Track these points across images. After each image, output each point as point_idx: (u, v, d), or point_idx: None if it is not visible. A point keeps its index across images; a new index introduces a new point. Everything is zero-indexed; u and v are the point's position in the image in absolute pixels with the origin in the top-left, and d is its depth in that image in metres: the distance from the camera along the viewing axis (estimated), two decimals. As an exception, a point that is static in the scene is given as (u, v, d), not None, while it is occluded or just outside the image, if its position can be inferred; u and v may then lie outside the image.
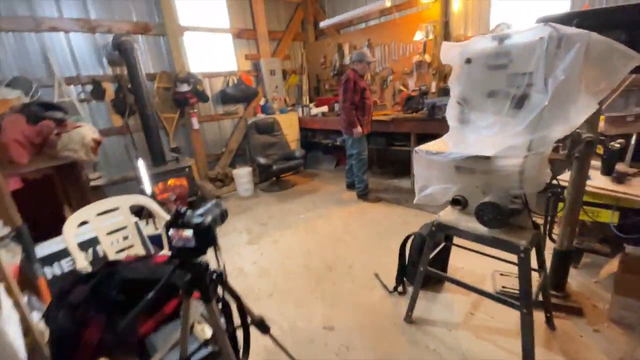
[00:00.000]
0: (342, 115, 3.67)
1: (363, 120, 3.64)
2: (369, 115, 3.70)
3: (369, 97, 3.65)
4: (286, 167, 4.41)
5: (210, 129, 4.93)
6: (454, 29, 4.01)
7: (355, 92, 3.49)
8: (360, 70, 3.56)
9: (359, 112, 3.61)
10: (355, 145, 3.73)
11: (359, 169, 3.82)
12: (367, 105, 3.64)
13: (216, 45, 4.85)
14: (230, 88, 4.83)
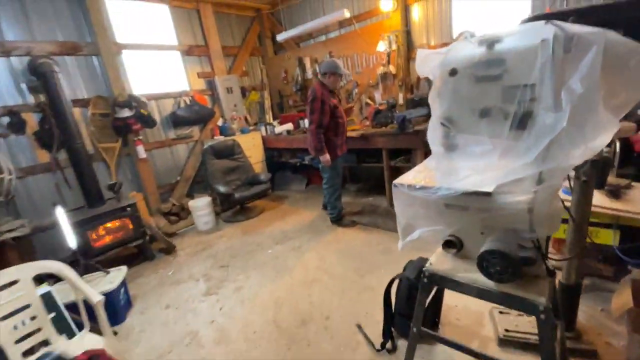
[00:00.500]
0: (308, 138, 3.25)
1: (336, 141, 3.25)
2: (342, 135, 3.32)
3: (341, 116, 3.26)
4: (250, 194, 3.97)
5: (162, 156, 4.39)
6: (417, 38, 3.85)
7: (323, 113, 3.05)
8: (330, 84, 3.15)
9: (330, 132, 3.21)
10: (326, 168, 3.36)
11: (330, 194, 3.46)
12: (340, 125, 3.25)
13: (163, 64, 4.37)
14: (182, 109, 4.35)
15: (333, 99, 3.16)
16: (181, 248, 3.54)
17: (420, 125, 3.32)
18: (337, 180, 3.41)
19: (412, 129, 3.24)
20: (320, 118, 3.06)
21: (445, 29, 3.60)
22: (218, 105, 4.88)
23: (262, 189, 4.05)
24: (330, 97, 3.11)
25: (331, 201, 3.48)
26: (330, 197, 3.46)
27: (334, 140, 3.23)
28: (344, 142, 3.37)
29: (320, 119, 3.06)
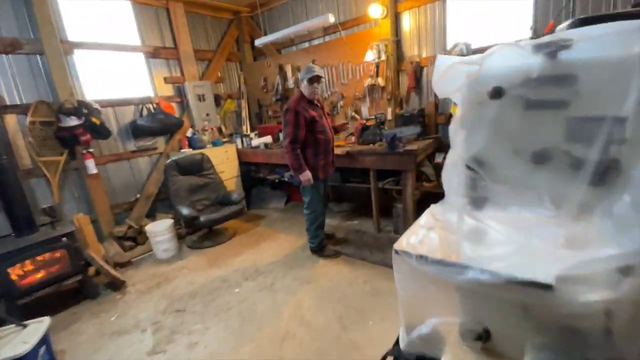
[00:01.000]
0: (285, 154, 2.79)
1: (316, 160, 2.78)
2: (326, 154, 2.83)
3: (323, 131, 2.75)
4: (219, 216, 3.48)
5: (119, 170, 3.84)
6: (407, 49, 3.54)
7: (297, 126, 2.62)
8: (308, 93, 2.70)
9: (309, 149, 2.75)
10: (306, 191, 2.90)
11: (311, 221, 3.00)
12: (322, 142, 2.76)
13: (124, 67, 3.85)
14: (144, 118, 3.83)
15: (312, 111, 2.70)
16: (132, 283, 2.99)
17: (411, 144, 2.97)
18: (319, 206, 2.97)
19: (402, 148, 2.88)
20: (294, 132, 2.62)
21: (439, 39, 3.30)
22: (188, 114, 4.38)
23: (233, 211, 3.57)
24: (308, 109, 2.67)
25: (311, 229, 3.04)
26: (311, 225, 3.03)
27: (313, 160, 2.77)
28: (329, 162, 2.90)
29: (295, 133, 2.62)
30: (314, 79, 2.64)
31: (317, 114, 2.73)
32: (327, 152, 2.84)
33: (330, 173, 3.00)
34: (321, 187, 2.96)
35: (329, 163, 2.92)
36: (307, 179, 2.73)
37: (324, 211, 3.06)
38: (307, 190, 2.87)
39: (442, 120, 3.38)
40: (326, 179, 3.05)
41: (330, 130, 2.88)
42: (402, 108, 3.68)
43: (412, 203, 3.01)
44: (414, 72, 3.42)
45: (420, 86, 3.51)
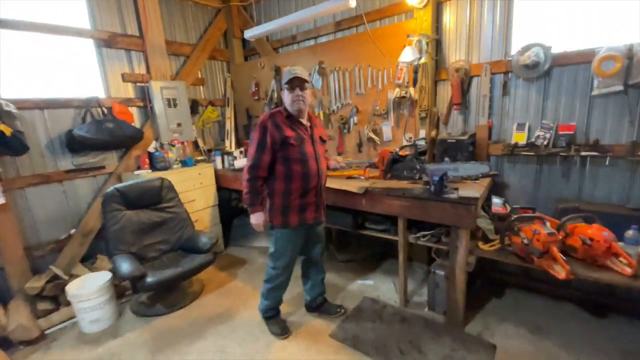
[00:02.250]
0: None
1: (288, 199, 1.94)
2: (306, 193, 1.96)
3: (302, 160, 1.89)
4: (177, 274, 2.40)
5: (46, 197, 2.76)
6: (450, 52, 2.60)
7: (261, 148, 1.85)
8: (290, 104, 1.89)
9: (279, 183, 1.92)
10: (273, 236, 2.06)
11: (268, 278, 2.17)
12: (299, 175, 1.90)
13: (65, 57, 2.83)
14: (86, 127, 2.78)
15: (288, 130, 1.87)
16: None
17: (465, 187, 1.99)
18: (285, 263, 2.09)
19: (456, 194, 1.90)
20: (255, 155, 1.87)
21: (499, 40, 2.37)
22: (152, 123, 3.35)
23: (198, 264, 2.51)
24: (283, 126, 1.87)
25: (265, 287, 2.19)
26: (267, 282, 2.18)
27: (283, 198, 1.93)
28: (310, 204, 2.00)
29: (257, 157, 1.87)
30: (295, 82, 1.84)
31: (294, 136, 1.88)
32: (307, 191, 1.96)
33: (314, 219, 2.06)
34: (295, 237, 2.05)
35: (311, 205, 2.01)
36: (256, 222, 1.96)
37: (289, 272, 2.17)
38: (274, 236, 2.04)
39: (497, 151, 2.43)
40: (311, 226, 2.09)
41: (318, 161, 1.97)
42: (438, 130, 2.73)
43: (463, 276, 2.02)
44: (460, 84, 2.48)
45: (467, 102, 2.57)
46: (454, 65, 2.52)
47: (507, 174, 2.46)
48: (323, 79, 3.19)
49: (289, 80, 1.83)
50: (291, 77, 1.83)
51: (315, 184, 1.96)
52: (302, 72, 1.86)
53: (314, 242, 2.19)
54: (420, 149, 2.03)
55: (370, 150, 3.04)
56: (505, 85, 2.39)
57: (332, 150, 3.29)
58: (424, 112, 2.63)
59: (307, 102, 1.91)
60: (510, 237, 1.98)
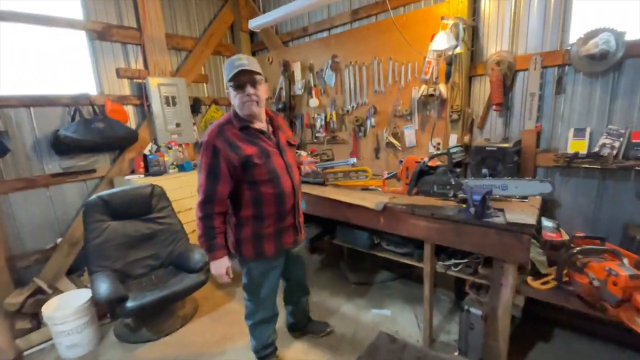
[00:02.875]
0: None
1: (260, 229, 1.56)
2: (281, 217, 1.60)
3: (272, 179, 1.51)
4: (161, 297, 2.06)
5: (31, 203, 2.52)
6: (490, 41, 2.17)
7: (213, 177, 1.42)
8: (239, 107, 1.46)
9: (246, 210, 1.53)
10: (244, 267, 1.67)
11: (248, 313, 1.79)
12: (271, 198, 1.53)
13: (56, 50, 2.59)
14: (73, 127, 2.52)
15: (248, 145, 1.46)
16: None
17: (511, 208, 1.57)
18: (266, 296, 1.72)
19: (500, 218, 1.49)
20: (208, 186, 1.43)
21: (555, 26, 1.93)
22: (149, 123, 3.07)
23: (188, 285, 2.18)
24: (239, 142, 1.45)
25: (248, 324, 1.81)
26: (248, 318, 1.79)
27: (254, 228, 1.55)
28: (289, 227, 1.65)
29: (210, 189, 1.43)
30: (242, 77, 1.39)
31: (257, 152, 1.47)
32: (284, 214, 1.59)
33: (294, 243, 1.72)
34: (273, 267, 1.68)
35: (289, 228, 1.65)
36: (218, 273, 1.53)
37: (271, 304, 1.78)
38: (245, 267, 1.66)
39: (547, 162, 1.99)
40: (289, 251, 1.75)
41: (291, 174, 1.60)
42: (472, 135, 2.30)
43: (507, 320, 1.59)
44: (501, 79, 2.05)
45: (509, 102, 2.13)
46: (494, 57, 2.09)
47: (559, 190, 2.00)
48: (336, 75, 2.82)
49: (234, 76, 1.38)
50: (235, 71, 1.37)
51: (292, 202, 1.60)
52: (250, 63, 1.41)
53: (294, 263, 1.84)
54: (455, 159, 1.62)
55: (389, 157, 2.64)
56: (560, 82, 1.94)
57: (345, 155, 2.91)
58: (455, 114, 2.21)
59: (262, 101, 1.49)
60: (571, 274, 1.55)
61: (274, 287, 1.74)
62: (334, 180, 2.44)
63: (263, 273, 1.66)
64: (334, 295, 2.60)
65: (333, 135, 2.97)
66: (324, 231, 2.53)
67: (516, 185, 1.46)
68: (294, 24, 3.34)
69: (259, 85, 1.45)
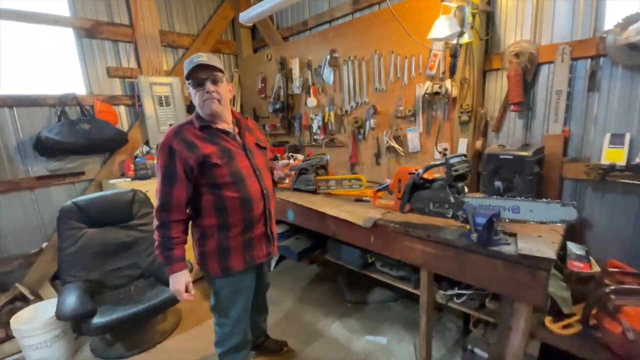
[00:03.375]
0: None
1: (226, 240, 1.41)
2: (250, 226, 1.44)
3: (237, 182, 1.37)
4: (133, 314, 1.90)
5: (14, 207, 2.45)
6: (508, 30, 1.85)
7: (169, 180, 1.30)
8: (199, 105, 1.35)
9: (209, 219, 1.39)
10: (212, 290, 1.52)
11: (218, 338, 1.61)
12: (237, 204, 1.38)
13: (43, 49, 2.51)
14: (56, 128, 2.43)
15: (208, 145, 1.34)
16: None
17: (522, 229, 1.26)
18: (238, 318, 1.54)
19: (510, 246, 1.19)
20: (164, 191, 1.31)
21: (586, 9, 1.58)
22: (140, 124, 2.95)
23: (162, 300, 2.00)
24: (198, 142, 1.33)
25: (218, 353, 1.63)
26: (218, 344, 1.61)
27: (219, 239, 1.41)
28: (260, 237, 1.50)
29: (165, 193, 1.30)
30: (201, 73, 1.29)
31: (217, 151, 1.34)
32: (252, 222, 1.44)
33: (267, 256, 1.56)
34: (243, 283, 1.52)
35: (260, 239, 1.50)
36: (176, 288, 1.37)
37: (244, 327, 1.60)
38: (212, 286, 1.50)
39: (576, 174, 1.65)
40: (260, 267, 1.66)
41: (260, 177, 1.46)
42: (486, 140, 1.98)
43: (519, 371, 1.29)
44: (521, 74, 1.72)
45: (531, 101, 1.80)
46: (513, 48, 1.76)
47: (590, 208, 1.65)
48: (335, 72, 2.56)
49: (191, 72, 1.28)
50: (193, 65, 1.27)
51: (262, 209, 1.45)
52: (209, 59, 1.30)
53: (259, 278, 1.69)
54: (458, 170, 1.32)
55: (391, 163, 2.36)
56: (593, 76, 1.59)
57: (344, 160, 2.65)
58: (466, 115, 1.90)
59: (225, 100, 1.36)
60: (601, 316, 1.23)
61: (246, 308, 1.57)
62: (326, 189, 2.20)
63: (232, 292, 1.49)
64: (326, 314, 2.36)
65: (332, 138, 2.72)
66: (315, 244, 2.29)
67: (531, 208, 1.15)
68: (294, 18, 3.11)
69: (220, 83, 1.35)
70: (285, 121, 3.09)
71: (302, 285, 2.79)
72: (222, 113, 1.38)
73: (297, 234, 2.46)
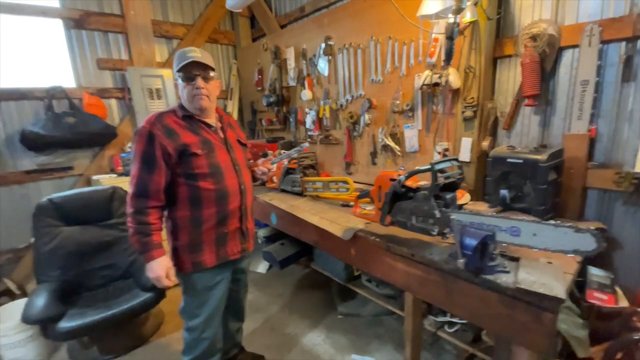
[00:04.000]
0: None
1: (198, 234, 1.35)
2: (224, 220, 1.38)
3: (214, 173, 1.33)
4: (107, 315, 1.80)
5: (3, 200, 2.43)
6: (523, 8, 1.55)
7: (148, 166, 1.23)
8: (187, 99, 1.31)
9: (183, 211, 1.33)
10: (182, 289, 1.45)
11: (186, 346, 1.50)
12: (212, 196, 1.33)
13: (30, 41, 2.44)
14: (40, 123, 2.37)
15: (189, 134, 1.30)
16: None
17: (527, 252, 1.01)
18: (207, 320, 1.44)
19: (509, 275, 0.95)
20: (141, 176, 1.24)
21: (625, -24, 1.26)
22: (131, 118, 2.86)
23: (133, 305, 1.88)
24: (178, 130, 1.29)
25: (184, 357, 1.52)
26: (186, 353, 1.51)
27: (192, 233, 1.34)
28: (234, 232, 1.43)
29: (143, 179, 1.24)
30: (193, 69, 1.27)
31: (198, 141, 1.31)
32: (226, 215, 1.39)
33: (241, 253, 1.48)
34: (215, 281, 1.43)
35: (234, 234, 1.44)
36: (155, 275, 1.29)
37: (213, 332, 1.49)
38: (183, 284, 1.44)
39: (603, 183, 1.35)
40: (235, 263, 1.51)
41: (238, 172, 1.43)
42: (495, 139, 1.70)
43: None
44: (537, 61, 1.43)
45: (550, 93, 1.51)
46: (530, 29, 1.47)
47: (620, 225, 1.35)
48: (330, 62, 2.33)
49: (183, 67, 1.26)
50: (187, 61, 1.25)
51: (238, 204, 1.41)
52: (203, 56, 1.29)
53: (234, 280, 1.59)
54: (449, 177, 1.07)
55: (388, 163, 2.11)
56: (628, 63, 1.28)
57: (339, 159, 2.43)
58: (470, 110, 1.63)
59: (213, 97, 1.37)
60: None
61: (217, 309, 1.48)
62: (312, 191, 1.99)
63: (203, 290, 1.42)
64: (313, 327, 2.18)
65: (326, 134, 2.50)
66: (301, 251, 2.10)
67: (534, 232, 0.90)
68: (292, 4, 2.89)
69: (211, 80, 1.35)
70: (280, 115, 2.90)
71: (292, 291, 2.61)
72: (209, 109, 1.37)
73: (283, 238, 2.28)
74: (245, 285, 1.76)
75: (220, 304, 1.48)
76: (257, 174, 1.65)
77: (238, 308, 1.76)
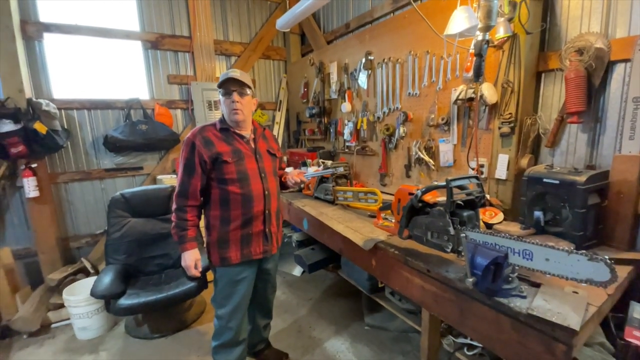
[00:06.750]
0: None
1: (226, 232, 1.53)
2: (248, 222, 1.55)
3: (241, 179, 1.51)
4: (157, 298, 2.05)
5: (86, 193, 2.91)
6: (570, 20, 1.46)
7: (189, 171, 1.47)
8: (227, 113, 1.53)
9: (214, 210, 1.53)
10: (215, 275, 1.64)
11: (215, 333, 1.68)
12: (238, 199, 1.51)
13: (115, 59, 2.93)
14: (119, 129, 2.80)
15: (223, 144, 1.50)
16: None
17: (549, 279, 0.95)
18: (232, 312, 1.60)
19: (524, 300, 0.91)
20: (183, 179, 1.49)
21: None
22: (192, 126, 3.22)
23: (179, 292, 2.12)
24: (215, 141, 1.50)
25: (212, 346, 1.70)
26: (214, 338, 1.69)
27: (221, 230, 1.54)
28: (258, 234, 1.58)
29: (184, 182, 1.49)
30: (230, 85, 1.47)
31: (229, 150, 1.50)
32: (250, 218, 1.55)
33: (263, 253, 1.62)
34: (240, 277, 1.59)
35: (258, 236, 1.59)
36: (187, 264, 1.56)
37: (238, 323, 1.64)
38: (214, 274, 1.64)
39: (661, 210, 1.20)
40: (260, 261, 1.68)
41: (264, 179, 1.59)
42: (536, 157, 1.60)
43: None
44: (584, 75, 1.33)
45: (599, 110, 1.39)
46: (576, 42, 1.38)
47: (682, 260, 1.18)
48: (370, 76, 2.40)
49: (222, 83, 1.48)
50: (225, 78, 1.47)
51: (261, 208, 1.57)
52: (241, 75, 1.48)
53: (260, 279, 1.76)
54: (470, 195, 1.06)
55: (421, 177, 2.09)
56: (697, 77, 1.14)
57: (374, 170, 2.47)
58: (507, 126, 1.56)
59: (247, 111, 1.55)
60: None
61: (241, 303, 1.64)
62: (343, 200, 2.06)
63: (229, 284, 1.59)
64: (338, 333, 2.22)
65: (363, 146, 2.56)
66: (330, 258, 2.17)
67: (547, 256, 0.85)
68: (338, 21, 3.03)
69: (246, 96, 1.52)
70: (321, 126, 3.03)
71: (323, 296, 2.68)
72: (244, 122, 1.55)
73: (314, 244, 2.38)
74: (273, 286, 1.89)
75: (244, 299, 1.64)
76: (289, 182, 1.80)
77: (266, 306, 1.91)
